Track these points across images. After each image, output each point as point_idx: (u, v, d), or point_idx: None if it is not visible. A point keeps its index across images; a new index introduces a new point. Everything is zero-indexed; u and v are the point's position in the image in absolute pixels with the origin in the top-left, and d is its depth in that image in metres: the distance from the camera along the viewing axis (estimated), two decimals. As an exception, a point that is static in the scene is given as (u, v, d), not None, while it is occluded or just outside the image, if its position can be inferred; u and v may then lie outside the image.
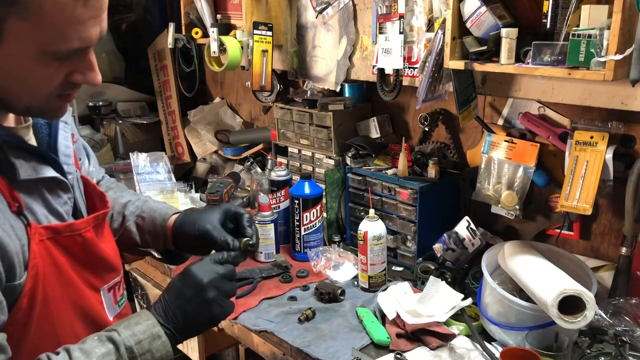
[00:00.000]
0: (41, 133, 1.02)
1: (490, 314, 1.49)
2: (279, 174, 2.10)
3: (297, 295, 1.76)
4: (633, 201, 1.50)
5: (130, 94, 3.06)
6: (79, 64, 0.88)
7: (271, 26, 2.15)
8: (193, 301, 1.00)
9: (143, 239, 1.28)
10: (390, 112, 2.15)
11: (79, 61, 0.88)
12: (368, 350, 1.49)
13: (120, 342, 0.93)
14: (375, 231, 1.74)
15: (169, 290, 1.02)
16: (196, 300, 1.00)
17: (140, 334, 0.95)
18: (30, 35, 0.81)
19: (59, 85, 0.89)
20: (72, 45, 0.84)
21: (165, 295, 1.02)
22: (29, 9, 0.78)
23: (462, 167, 1.97)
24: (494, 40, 1.46)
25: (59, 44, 0.83)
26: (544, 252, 1.56)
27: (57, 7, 0.80)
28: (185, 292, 1.01)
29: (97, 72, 0.91)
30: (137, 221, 1.29)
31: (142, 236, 1.28)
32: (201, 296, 1.00)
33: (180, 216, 1.26)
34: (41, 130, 1.03)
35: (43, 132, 1.03)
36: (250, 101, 2.79)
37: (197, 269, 1.03)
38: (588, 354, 1.42)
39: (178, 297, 1.00)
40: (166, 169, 2.64)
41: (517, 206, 1.72)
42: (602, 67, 1.25)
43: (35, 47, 0.82)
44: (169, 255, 1.30)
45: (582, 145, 1.53)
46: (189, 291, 1.00)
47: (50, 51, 0.83)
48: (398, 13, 1.73)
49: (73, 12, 0.81)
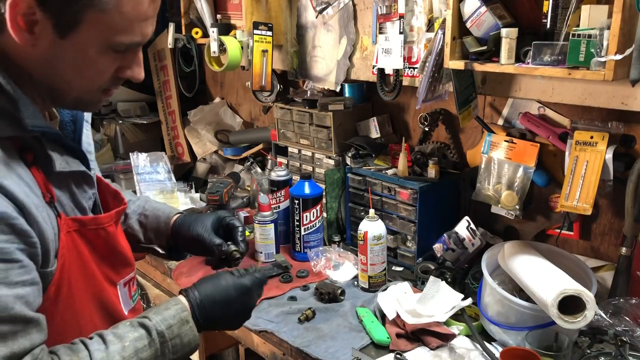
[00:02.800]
0: (66, 130, 1.05)
1: (490, 314, 1.49)
2: (279, 174, 2.10)
3: (297, 295, 1.76)
4: (633, 201, 1.50)
5: (130, 94, 3.06)
6: (130, 58, 0.94)
7: (271, 26, 2.16)
8: (234, 303, 1.08)
9: (146, 236, 1.31)
10: (390, 112, 2.15)
11: (131, 56, 0.94)
12: (368, 350, 1.49)
13: (152, 327, 0.97)
14: (375, 231, 1.74)
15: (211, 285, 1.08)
16: (237, 302, 1.09)
17: (170, 319, 0.99)
18: (102, 26, 0.86)
19: (109, 79, 0.94)
20: (134, 39, 0.90)
21: (206, 287, 1.07)
22: (110, 2, 0.84)
23: (462, 167, 1.97)
24: (494, 40, 1.46)
25: (123, 37, 0.89)
26: (544, 252, 1.56)
27: (134, 3, 0.87)
28: (231, 292, 1.08)
29: (142, 68, 0.97)
30: (140, 219, 1.33)
31: (145, 233, 1.32)
32: (244, 301, 1.10)
33: (180, 217, 1.32)
34: (67, 127, 1.06)
35: (68, 129, 1.06)
36: (250, 101, 2.79)
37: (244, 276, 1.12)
38: (588, 354, 1.42)
39: (222, 293, 1.07)
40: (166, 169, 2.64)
41: (517, 206, 1.72)
42: (602, 67, 1.25)
43: (102, 38, 0.87)
44: (170, 252, 1.34)
45: (582, 145, 1.53)
46: (234, 292, 1.09)
47: (114, 43, 0.89)
48: (398, 13, 1.73)
49: (144, 9, 0.89)
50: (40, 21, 0.83)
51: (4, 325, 0.82)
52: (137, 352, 0.94)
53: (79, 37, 0.86)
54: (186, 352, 1.01)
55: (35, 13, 0.82)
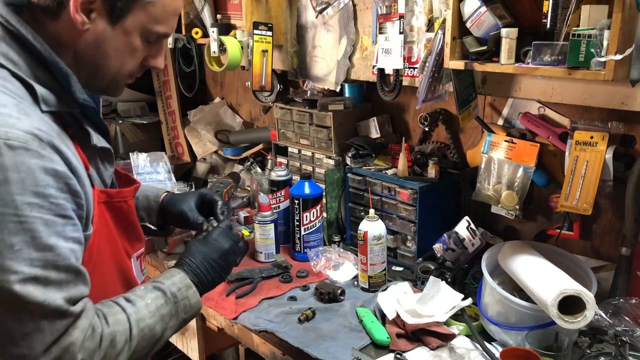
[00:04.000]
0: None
1: (490, 314, 1.49)
2: (279, 174, 2.10)
3: (297, 295, 1.76)
4: (633, 201, 1.50)
5: (130, 94, 3.05)
6: (157, 49, 1.07)
7: (271, 26, 2.15)
8: (217, 263, 1.20)
9: (138, 215, 1.38)
10: (390, 112, 2.15)
11: (157, 47, 1.07)
12: (368, 350, 1.49)
13: (166, 289, 1.08)
14: (375, 231, 1.74)
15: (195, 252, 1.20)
16: (219, 262, 1.21)
17: (178, 283, 1.11)
18: (146, 16, 0.99)
19: (137, 65, 1.06)
20: (167, 31, 1.04)
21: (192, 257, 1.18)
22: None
23: (462, 167, 1.97)
24: (494, 40, 1.46)
25: (160, 27, 1.02)
26: (544, 252, 1.56)
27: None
28: (212, 255, 1.20)
29: (163, 59, 1.10)
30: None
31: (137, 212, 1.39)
32: (224, 259, 1.22)
33: (167, 195, 1.44)
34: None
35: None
36: (250, 101, 2.79)
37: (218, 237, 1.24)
38: (588, 354, 1.42)
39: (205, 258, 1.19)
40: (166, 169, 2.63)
41: (517, 206, 1.72)
42: (602, 67, 1.25)
43: (143, 27, 1.00)
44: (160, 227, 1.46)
45: (582, 145, 1.53)
46: (214, 254, 1.21)
47: (151, 32, 1.01)
48: (398, 13, 1.73)
49: (178, 4, 1.04)
50: (97, 9, 0.95)
51: (61, 273, 0.89)
52: (158, 309, 1.05)
53: (125, 25, 0.98)
54: (194, 313, 1.14)
55: (95, 1, 0.95)
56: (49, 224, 0.87)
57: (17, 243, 0.84)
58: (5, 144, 0.84)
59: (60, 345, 0.89)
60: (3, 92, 0.89)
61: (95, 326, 0.94)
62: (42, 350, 0.87)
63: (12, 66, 0.93)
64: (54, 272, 0.88)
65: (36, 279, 0.86)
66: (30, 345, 0.86)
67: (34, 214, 0.85)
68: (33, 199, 0.85)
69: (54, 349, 0.88)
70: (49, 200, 0.87)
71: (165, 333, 1.07)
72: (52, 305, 0.87)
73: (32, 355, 0.86)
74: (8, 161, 0.83)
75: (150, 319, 1.03)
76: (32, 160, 0.86)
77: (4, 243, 0.83)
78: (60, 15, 0.95)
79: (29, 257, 0.85)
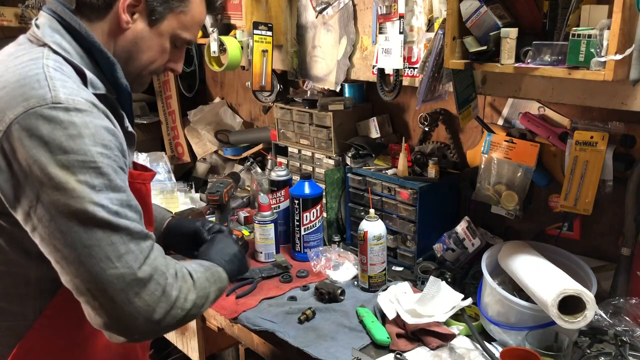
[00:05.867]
0: None
1: (490, 314, 1.49)
2: (279, 174, 2.10)
3: (297, 295, 1.76)
4: (633, 201, 1.50)
5: (130, 94, 3.05)
6: (179, 55, 1.22)
7: (271, 26, 2.15)
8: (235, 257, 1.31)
9: None
10: (390, 112, 2.15)
11: (179, 52, 1.22)
12: (368, 350, 1.49)
13: (203, 262, 1.21)
14: (375, 231, 1.74)
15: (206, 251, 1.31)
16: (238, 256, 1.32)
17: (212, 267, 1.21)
18: (178, 23, 1.15)
19: (161, 65, 1.20)
20: (191, 38, 1.19)
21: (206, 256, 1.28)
22: (189, 5, 1.15)
23: (462, 167, 1.97)
24: (494, 40, 1.45)
25: (186, 34, 1.17)
26: (544, 252, 1.56)
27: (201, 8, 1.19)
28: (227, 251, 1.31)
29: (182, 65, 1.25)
30: None
31: None
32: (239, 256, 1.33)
33: (174, 218, 1.53)
34: None
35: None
36: (250, 101, 2.79)
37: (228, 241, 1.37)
38: (588, 354, 1.42)
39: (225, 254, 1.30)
40: (166, 169, 2.64)
41: (517, 206, 1.72)
42: (602, 67, 1.24)
43: (174, 32, 1.15)
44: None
45: (582, 145, 1.53)
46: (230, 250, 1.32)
47: (179, 37, 1.17)
48: (398, 13, 1.73)
49: (204, 15, 1.20)
50: (140, 11, 1.11)
51: (133, 211, 1.02)
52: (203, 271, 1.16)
53: (161, 28, 1.14)
54: (224, 287, 1.22)
55: (140, 4, 1.10)
56: (117, 171, 1.01)
57: (98, 185, 0.97)
58: (75, 107, 0.97)
59: (149, 263, 1.01)
60: (62, 72, 1.02)
61: (167, 259, 1.07)
62: (137, 267, 0.99)
63: (66, 54, 1.06)
64: (128, 210, 1.01)
65: (118, 214, 0.99)
66: (126, 264, 0.98)
67: (106, 162, 0.98)
68: (103, 150, 0.99)
69: (145, 267, 1.00)
70: (114, 153, 1.01)
71: (211, 295, 1.15)
72: (137, 228, 1.01)
73: (129, 272, 0.98)
74: (79, 120, 0.97)
75: (201, 274, 1.14)
76: (97, 120, 1.00)
77: (89, 184, 0.96)
78: (106, 14, 1.10)
79: (109, 197, 0.98)
